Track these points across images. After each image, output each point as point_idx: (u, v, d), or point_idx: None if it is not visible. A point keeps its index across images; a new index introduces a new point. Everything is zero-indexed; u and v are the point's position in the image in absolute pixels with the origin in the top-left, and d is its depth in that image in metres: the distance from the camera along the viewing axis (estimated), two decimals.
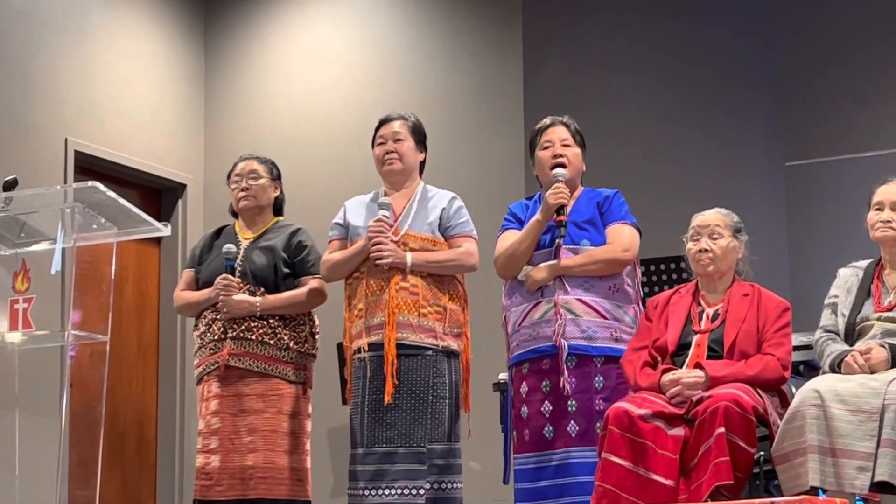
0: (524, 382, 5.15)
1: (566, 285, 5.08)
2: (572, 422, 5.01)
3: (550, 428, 5.04)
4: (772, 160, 8.43)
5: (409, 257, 5.33)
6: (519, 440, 5.16)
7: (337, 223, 5.58)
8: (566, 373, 5.02)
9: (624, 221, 5.19)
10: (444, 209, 5.48)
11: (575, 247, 5.13)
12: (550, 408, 5.06)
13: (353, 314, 5.41)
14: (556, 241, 5.10)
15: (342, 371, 6.03)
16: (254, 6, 8.50)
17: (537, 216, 5.16)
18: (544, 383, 5.08)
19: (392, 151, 5.52)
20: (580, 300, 5.07)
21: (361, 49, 8.18)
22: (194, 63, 8.48)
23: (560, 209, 5.08)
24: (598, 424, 4.95)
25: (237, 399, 5.52)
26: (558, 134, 5.30)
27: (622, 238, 5.15)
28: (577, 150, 5.30)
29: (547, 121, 5.36)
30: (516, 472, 5.16)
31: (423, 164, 5.65)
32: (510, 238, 5.25)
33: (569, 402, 5.02)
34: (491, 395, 6.26)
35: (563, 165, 5.23)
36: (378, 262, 5.30)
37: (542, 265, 5.14)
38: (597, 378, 5.03)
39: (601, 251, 5.11)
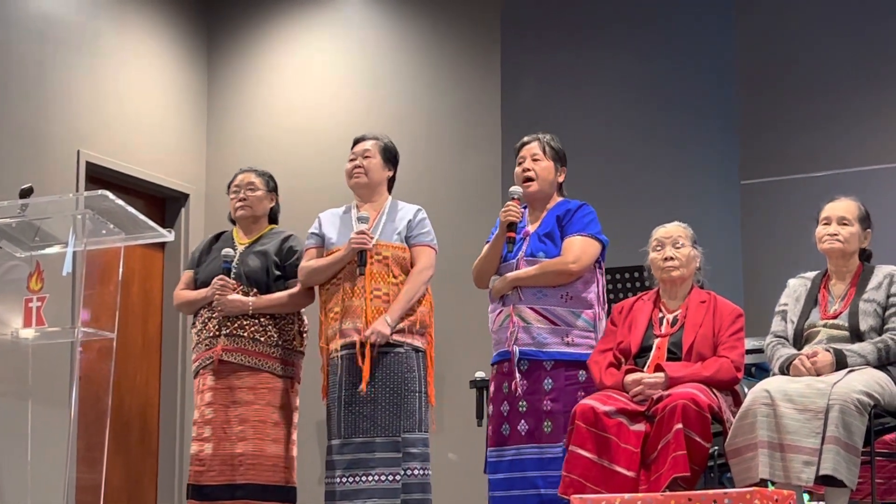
0: (493, 383, 5.17)
1: (521, 295, 5.05)
2: (522, 421, 5.00)
3: (507, 426, 5.04)
4: (728, 178, 8.43)
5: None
6: (489, 435, 5.17)
7: (313, 233, 5.57)
8: (518, 376, 5.00)
9: (582, 233, 5.08)
10: (409, 220, 5.49)
11: (533, 259, 5.08)
12: (507, 408, 5.05)
13: (329, 317, 5.42)
14: (519, 254, 5.08)
15: None
16: (253, 32, 8.49)
17: (497, 232, 5.13)
18: (504, 385, 5.07)
19: (359, 166, 5.54)
20: (532, 308, 5.02)
21: (353, 71, 8.18)
22: (198, 82, 8.46)
23: (511, 226, 5.05)
24: (546, 423, 4.96)
25: (229, 391, 5.50)
26: (530, 150, 5.24)
27: (572, 250, 5.04)
28: (547, 164, 5.22)
29: (526, 138, 5.30)
30: (488, 463, 5.16)
31: (391, 181, 5.64)
32: (483, 252, 5.23)
33: (520, 403, 5.01)
34: (469, 392, 6.25)
35: (531, 179, 5.19)
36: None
37: (502, 276, 5.12)
38: (546, 381, 5.00)
39: (550, 263, 5.04)
